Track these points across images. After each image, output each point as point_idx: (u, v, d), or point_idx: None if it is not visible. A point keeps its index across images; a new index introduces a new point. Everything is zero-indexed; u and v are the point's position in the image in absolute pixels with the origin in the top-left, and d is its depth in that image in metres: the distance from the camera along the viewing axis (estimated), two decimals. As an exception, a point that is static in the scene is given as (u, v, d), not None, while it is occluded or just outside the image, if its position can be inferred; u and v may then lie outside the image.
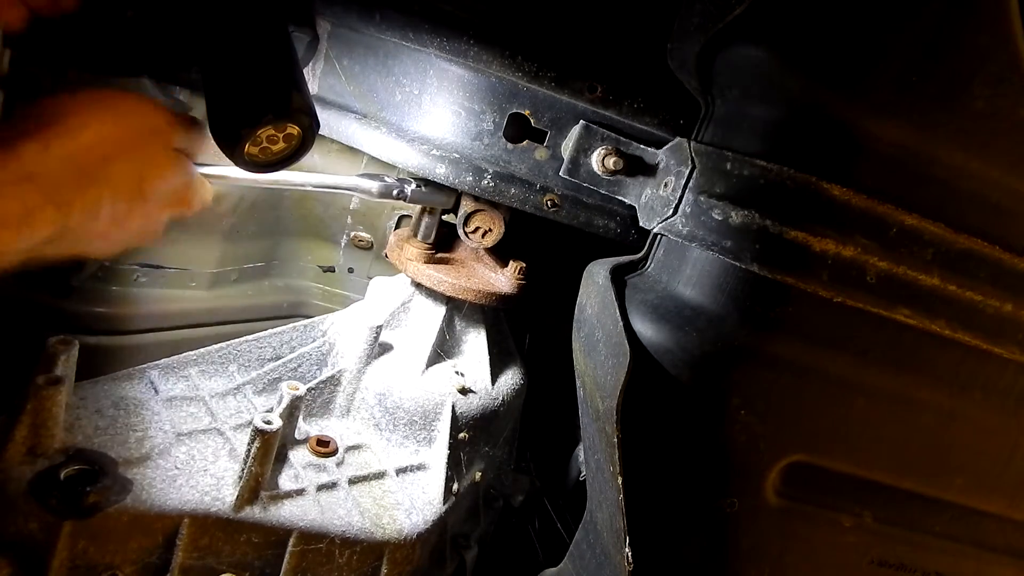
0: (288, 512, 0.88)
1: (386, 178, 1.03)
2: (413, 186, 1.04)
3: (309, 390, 1.03)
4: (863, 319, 0.71)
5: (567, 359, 0.93)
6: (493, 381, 1.17)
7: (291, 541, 0.87)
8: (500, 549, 1.27)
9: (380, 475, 1.01)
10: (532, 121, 0.98)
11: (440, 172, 0.99)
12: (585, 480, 0.91)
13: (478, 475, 1.14)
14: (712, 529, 0.76)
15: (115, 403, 0.92)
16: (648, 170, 0.94)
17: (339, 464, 0.99)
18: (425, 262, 1.14)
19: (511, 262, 1.17)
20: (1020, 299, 0.74)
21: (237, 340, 1.07)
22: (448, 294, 1.12)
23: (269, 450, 0.86)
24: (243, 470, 0.86)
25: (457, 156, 1.00)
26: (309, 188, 0.95)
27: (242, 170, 0.82)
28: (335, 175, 1.02)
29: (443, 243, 1.20)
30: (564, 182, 1.00)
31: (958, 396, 0.77)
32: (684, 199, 0.81)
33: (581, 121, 0.95)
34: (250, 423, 0.86)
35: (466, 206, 1.10)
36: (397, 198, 1.04)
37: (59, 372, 0.82)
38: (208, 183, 0.84)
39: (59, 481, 0.77)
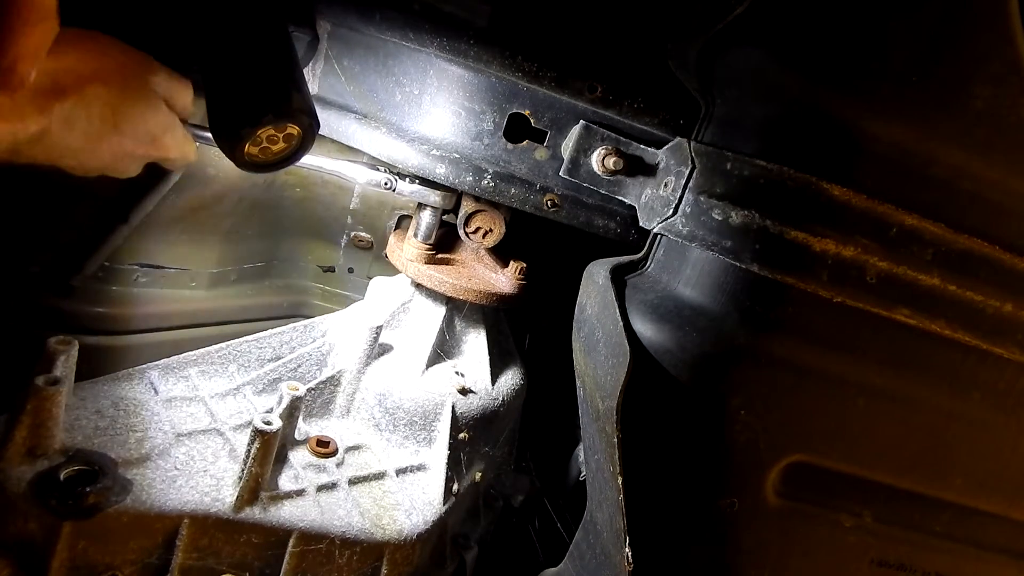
0: (288, 513, 0.88)
1: (379, 169, 1.04)
2: (405, 181, 1.05)
3: (309, 390, 1.03)
4: (863, 319, 0.71)
5: (567, 359, 0.93)
6: (493, 381, 1.17)
7: (291, 542, 0.87)
8: (500, 549, 1.27)
9: (380, 475, 1.01)
10: (532, 121, 0.98)
11: (440, 172, 1.00)
12: (585, 480, 0.91)
13: (478, 475, 1.14)
14: (712, 529, 0.76)
15: (115, 403, 0.92)
16: (648, 170, 0.94)
17: (339, 464, 0.99)
18: (425, 262, 1.14)
19: (511, 262, 1.17)
20: (1020, 299, 0.74)
21: (237, 340, 1.07)
22: (448, 294, 1.12)
23: (269, 450, 0.86)
24: (243, 470, 0.86)
25: (457, 156, 1.00)
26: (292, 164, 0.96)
27: (243, 170, 0.82)
28: (320, 157, 1.03)
29: (443, 243, 1.20)
30: (564, 182, 1.00)
31: (958, 396, 0.77)
32: (684, 199, 0.81)
33: (581, 121, 0.95)
34: (250, 423, 0.86)
35: (467, 206, 1.10)
36: (386, 188, 1.06)
37: (59, 372, 0.82)
38: (193, 141, 0.90)
39: (59, 481, 0.77)
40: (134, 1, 0.93)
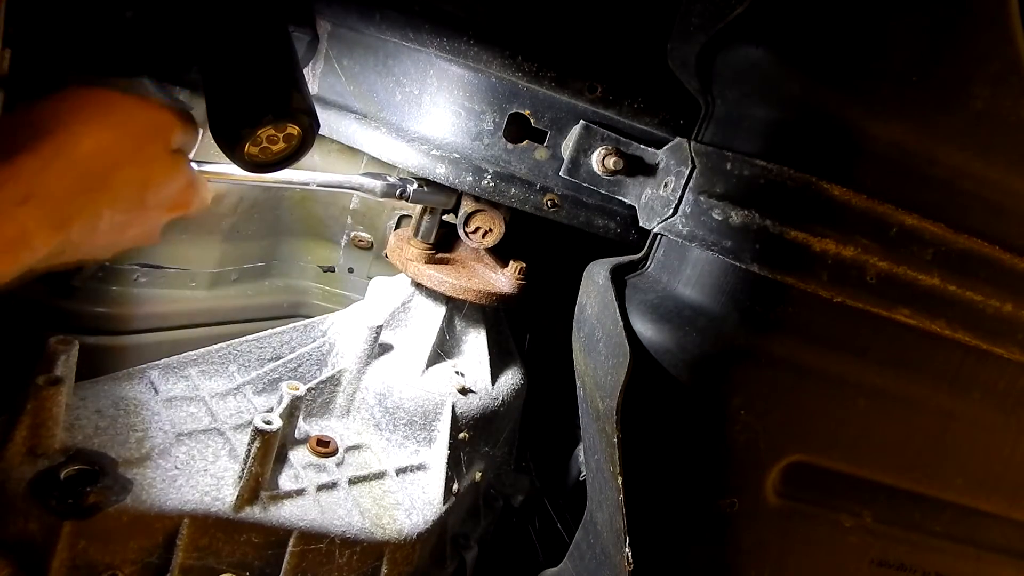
0: (288, 512, 0.88)
1: (388, 177, 1.03)
2: (415, 186, 1.05)
3: (309, 390, 1.03)
4: (863, 319, 0.71)
5: (567, 359, 0.93)
6: (493, 381, 1.17)
7: (291, 541, 0.87)
8: (500, 549, 1.27)
9: (380, 475, 1.01)
10: (532, 121, 0.98)
11: (440, 172, 0.99)
12: (585, 480, 0.91)
13: (478, 475, 1.14)
14: (712, 529, 0.76)
15: (115, 403, 0.92)
16: (648, 170, 0.94)
17: (339, 464, 0.99)
18: (425, 262, 1.14)
19: (511, 262, 1.17)
20: (1020, 299, 0.74)
21: (237, 340, 1.07)
22: (448, 294, 1.12)
23: (269, 450, 0.86)
24: (243, 470, 0.86)
25: (457, 156, 1.00)
26: (312, 187, 0.95)
27: (244, 170, 0.82)
28: (338, 174, 1.02)
29: (443, 243, 1.20)
30: (564, 182, 1.00)
31: (958, 396, 0.77)
32: (684, 199, 0.81)
33: (581, 121, 0.95)
34: (250, 423, 0.86)
35: (466, 206, 1.10)
36: (400, 198, 1.04)
37: (59, 372, 0.82)
38: (207, 182, 0.82)
39: (59, 481, 0.77)
40: (134, 2, 0.93)
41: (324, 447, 0.99)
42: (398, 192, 1.03)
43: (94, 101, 0.64)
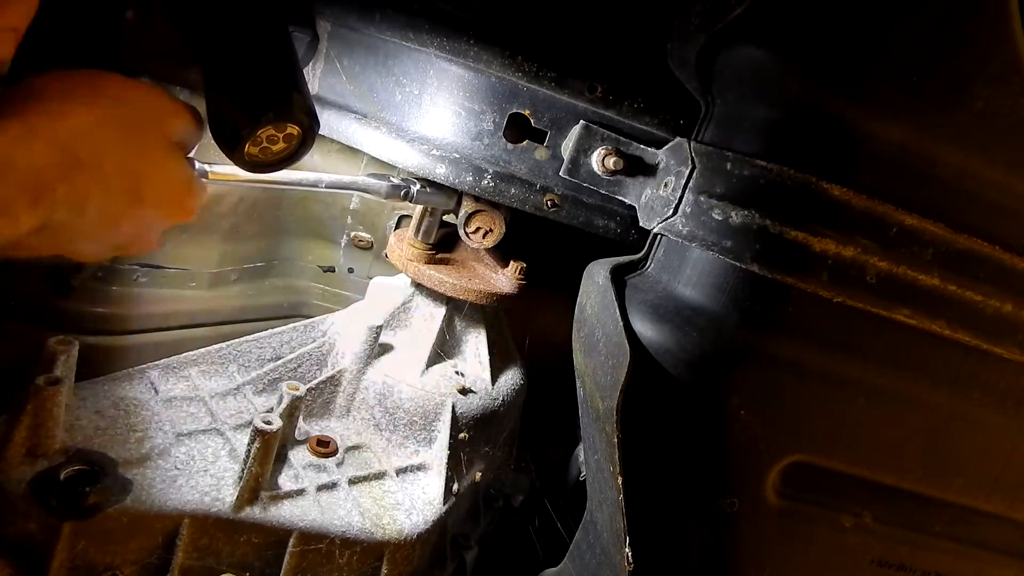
0: (288, 512, 0.88)
1: (392, 178, 1.03)
2: (418, 187, 1.05)
3: (309, 390, 1.03)
4: (863, 319, 0.71)
5: (567, 359, 0.93)
6: (493, 381, 1.17)
7: (291, 541, 0.87)
8: (500, 549, 1.27)
9: (380, 475, 1.01)
10: (532, 121, 0.98)
11: (440, 172, 1.00)
12: (585, 480, 0.91)
13: (478, 475, 1.14)
14: (712, 529, 0.76)
15: (115, 403, 0.92)
16: (648, 170, 0.94)
17: (339, 464, 0.99)
18: (425, 262, 1.14)
19: (511, 262, 1.17)
20: (1020, 299, 0.74)
21: (237, 340, 1.07)
22: (449, 294, 1.12)
23: (269, 450, 0.86)
24: (243, 470, 0.86)
25: (457, 156, 1.00)
26: (320, 188, 0.95)
27: (244, 170, 0.82)
28: (341, 175, 1.02)
29: (443, 243, 1.20)
30: (564, 182, 1.00)
31: (958, 396, 0.77)
32: (684, 199, 0.81)
33: (581, 121, 0.95)
34: (250, 423, 0.86)
35: (467, 206, 1.10)
36: (404, 199, 1.04)
37: (59, 372, 0.82)
38: (204, 184, 0.78)
39: (59, 481, 0.77)
40: (135, 2, 0.93)
41: (324, 447, 0.99)
42: (402, 193, 1.03)
43: (91, 78, 0.60)
